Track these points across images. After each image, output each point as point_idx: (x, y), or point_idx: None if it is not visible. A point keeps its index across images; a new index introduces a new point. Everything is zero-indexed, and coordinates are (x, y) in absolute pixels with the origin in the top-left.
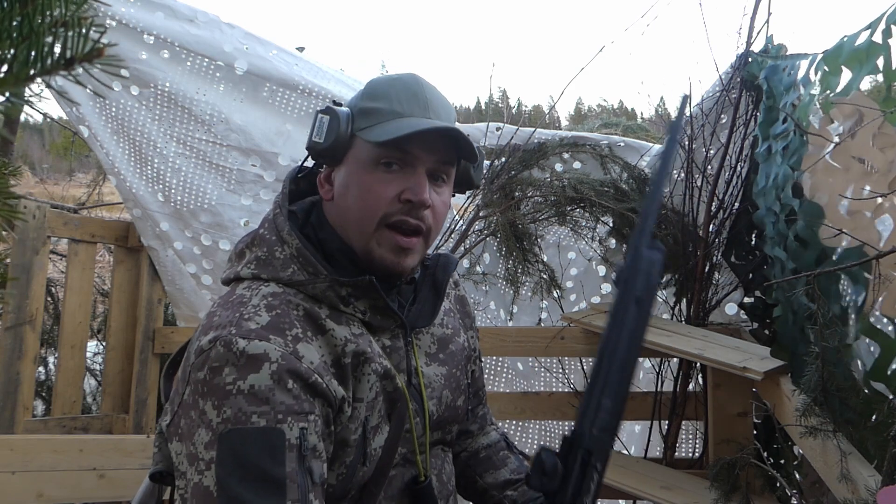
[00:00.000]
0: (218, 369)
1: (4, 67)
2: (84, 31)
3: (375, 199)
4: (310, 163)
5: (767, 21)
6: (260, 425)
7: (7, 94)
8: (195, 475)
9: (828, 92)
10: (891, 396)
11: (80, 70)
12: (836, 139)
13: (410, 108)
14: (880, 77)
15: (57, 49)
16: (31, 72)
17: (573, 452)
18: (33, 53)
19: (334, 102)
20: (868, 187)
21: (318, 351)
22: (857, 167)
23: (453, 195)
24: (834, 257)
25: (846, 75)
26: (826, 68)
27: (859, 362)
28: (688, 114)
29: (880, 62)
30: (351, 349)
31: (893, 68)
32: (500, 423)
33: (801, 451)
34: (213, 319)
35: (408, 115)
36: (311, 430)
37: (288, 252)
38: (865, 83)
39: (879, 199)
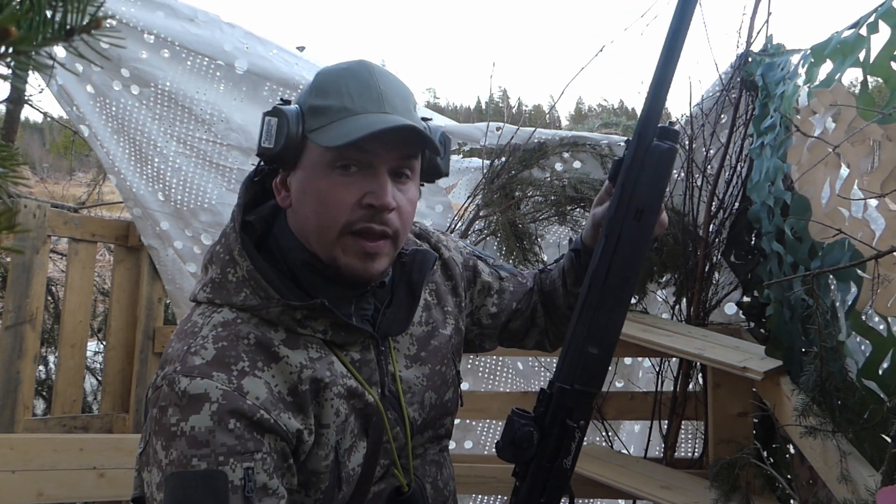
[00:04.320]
0: (164, 409)
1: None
2: (82, 4)
3: (335, 206)
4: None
5: (767, 21)
6: (201, 468)
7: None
8: None
9: (809, 84)
10: (883, 396)
11: (80, 41)
12: (818, 131)
13: (363, 103)
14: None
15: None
16: (34, 42)
17: (551, 411)
18: (34, 25)
19: (282, 100)
20: (840, 182)
21: (270, 382)
22: (834, 160)
23: (422, 185)
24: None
25: (829, 67)
26: (812, 60)
27: (848, 360)
28: (688, 114)
29: (862, 55)
30: (308, 375)
31: (871, 62)
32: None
33: (793, 452)
34: (168, 351)
35: (360, 112)
36: (258, 468)
37: (240, 274)
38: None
39: (860, 195)
